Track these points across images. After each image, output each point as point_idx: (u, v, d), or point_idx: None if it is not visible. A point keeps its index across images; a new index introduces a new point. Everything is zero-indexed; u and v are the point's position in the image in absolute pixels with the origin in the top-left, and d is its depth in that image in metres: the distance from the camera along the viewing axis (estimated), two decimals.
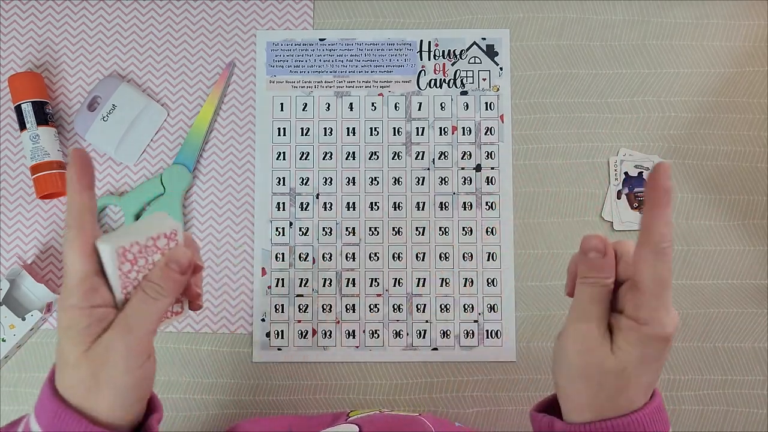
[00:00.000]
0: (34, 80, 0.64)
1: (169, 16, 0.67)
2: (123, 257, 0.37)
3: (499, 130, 0.66)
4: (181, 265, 0.39)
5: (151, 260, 0.39)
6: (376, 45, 0.67)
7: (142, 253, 0.38)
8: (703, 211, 0.65)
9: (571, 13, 0.68)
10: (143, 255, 0.38)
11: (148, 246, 0.39)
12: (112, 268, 0.37)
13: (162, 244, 0.39)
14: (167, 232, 0.40)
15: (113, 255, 0.37)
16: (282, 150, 0.66)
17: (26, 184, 0.65)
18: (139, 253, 0.38)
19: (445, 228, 0.65)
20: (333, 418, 0.58)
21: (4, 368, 0.63)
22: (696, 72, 0.67)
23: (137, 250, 0.38)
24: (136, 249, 0.38)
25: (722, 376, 0.64)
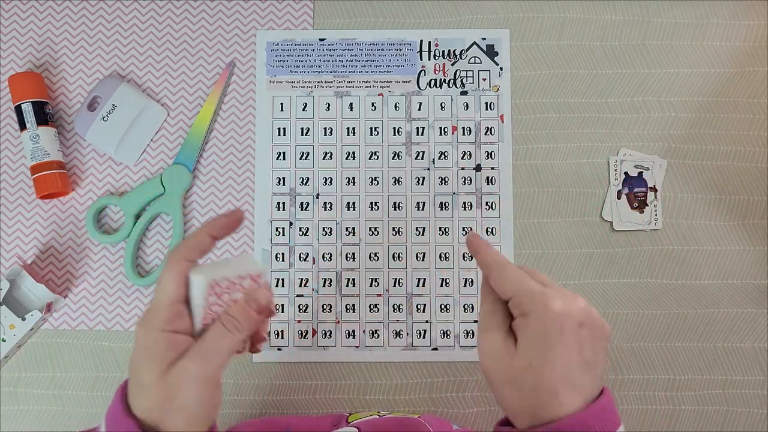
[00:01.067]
0: (34, 80, 0.64)
1: (169, 16, 0.67)
2: (212, 289, 0.40)
3: (499, 130, 0.66)
4: (259, 304, 0.41)
5: (234, 297, 0.41)
6: (376, 45, 0.67)
7: (228, 289, 0.41)
8: (703, 211, 0.65)
9: (571, 13, 0.68)
10: (228, 291, 0.41)
11: (235, 283, 0.41)
12: (199, 298, 0.39)
13: (246, 284, 0.42)
14: (254, 274, 0.42)
15: (204, 286, 0.39)
16: (282, 150, 0.66)
17: (26, 184, 0.65)
18: (225, 289, 0.41)
19: (445, 228, 0.65)
20: (333, 420, 0.58)
21: (4, 368, 0.63)
22: (696, 72, 0.67)
23: (225, 286, 0.40)
24: (224, 284, 0.40)
25: (722, 376, 0.64)
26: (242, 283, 0.42)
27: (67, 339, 0.63)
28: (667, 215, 0.65)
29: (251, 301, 0.41)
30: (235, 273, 0.41)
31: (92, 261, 0.64)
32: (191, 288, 0.39)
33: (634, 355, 0.64)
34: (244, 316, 0.40)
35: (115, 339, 0.63)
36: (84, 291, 0.64)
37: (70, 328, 0.63)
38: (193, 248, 0.40)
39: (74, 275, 0.64)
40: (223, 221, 0.41)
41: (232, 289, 0.41)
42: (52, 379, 0.63)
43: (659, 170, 0.65)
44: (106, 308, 0.64)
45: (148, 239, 0.65)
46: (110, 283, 0.64)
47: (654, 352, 0.64)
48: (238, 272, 0.41)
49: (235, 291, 0.41)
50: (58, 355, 0.63)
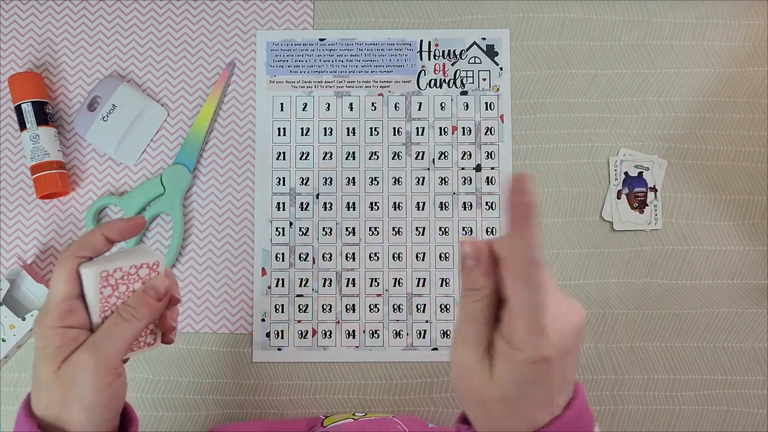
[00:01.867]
0: (34, 80, 0.64)
1: (169, 16, 0.67)
2: (105, 281, 0.39)
3: (499, 130, 0.66)
4: (157, 291, 0.41)
5: (131, 288, 0.41)
6: (376, 45, 0.67)
7: (123, 279, 0.40)
8: (703, 211, 0.65)
9: (571, 13, 0.68)
10: (125, 282, 0.40)
11: (131, 273, 0.41)
12: (93, 291, 0.39)
13: (144, 273, 0.41)
14: (150, 262, 0.42)
15: (96, 278, 0.39)
16: (282, 150, 0.66)
17: (26, 184, 0.65)
18: (120, 280, 0.40)
19: (445, 228, 0.65)
20: (308, 423, 0.58)
21: (4, 368, 0.63)
22: (696, 72, 0.67)
23: (119, 276, 0.40)
24: (118, 275, 0.40)
25: (722, 376, 0.64)
26: (139, 273, 0.41)
27: None
28: (667, 215, 0.65)
29: (149, 289, 0.41)
30: (129, 263, 0.41)
31: None
32: (84, 282, 0.39)
33: (634, 355, 0.64)
34: (141, 303, 0.40)
35: None
36: None
37: None
38: (84, 246, 0.40)
39: None
40: (120, 224, 0.41)
41: (128, 279, 0.41)
42: None
43: (659, 170, 0.65)
44: None
45: (148, 239, 0.65)
46: None
47: (654, 352, 0.64)
48: (132, 262, 0.41)
49: (132, 282, 0.41)
50: None
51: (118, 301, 0.40)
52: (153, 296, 0.41)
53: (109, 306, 0.40)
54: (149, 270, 0.42)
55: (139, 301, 0.40)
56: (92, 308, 0.40)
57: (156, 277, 0.42)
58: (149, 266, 0.42)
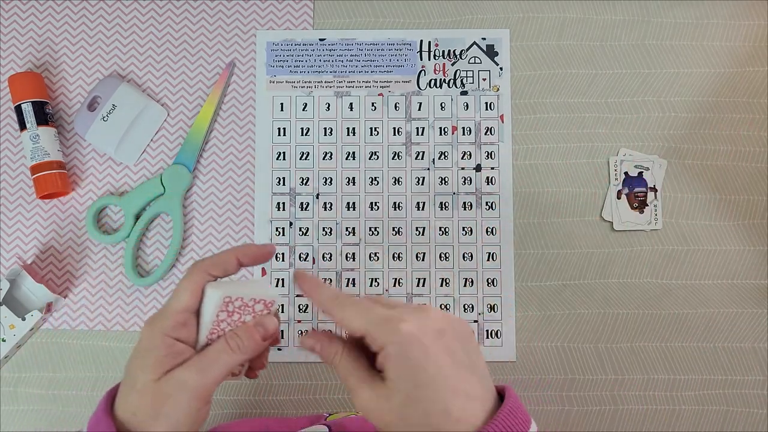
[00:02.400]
0: (34, 80, 0.64)
1: (169, 16, 0.67)
2: (225, 306, 0.40)
3: (499, 130, 0.66)
4: (266, 331, 0.41)
5: (242, 318, 0.41)
6: (376, 45, 0.67)
7: (240, 309, 0.41)
8: (703, 211, 0.65)
9: (571, 13, 0.68)
10: (239, 312, 0.41)
11: (248, 305, 0.41)
12: (210, 312, 0.40)
13: (258, 308, 0.42)
14: (267, 300, 0.42)
15: (219, 301, 0.40)
16: (282, 150, 0.66)
17: (26, 184, 0.65)
18: (237, 309, 0.41)
19: (445, 228, 0.65)
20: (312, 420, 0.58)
21: (4, 368, 0.63)
22: (696, 72, 0.67)
23: (238, 306, 0.41)
24: (237, 303, 0.41)
25: (722, 376, 0.64)
26: (255, 307, 0.42)
27: (67, 339, 0.63)
28: (667, 215, 0.65)
29: (259, 326, 0.41)
30: (250, 295, 0.41)
31: (92, 261, 0.64)
32: (205, 301, 0.40)
33: (634, 355, 0.64)
34: (249, 338, 0.40)
35: (115, 339, 0.63)
36: (84, 291, 0.64)
37: (70, 328, 0.63)
38: (217, 265, 0.41)
39: (74, 275, 0.64)
40: (254, 250, 0.42)
41: (243, 310, 0.41)
42: (52, 379, 0.63)
43: (659, 170, 0.65)
44: (106, 308, 0.64)
45: (148, 239, 0.65)
46: (110, 283, 0.64)
47: (654, 352, 0.64)
48: (252, 295, 0.41)
49: (246, 313, 0.41)
50: (58, 355, 0.63)
51: (227, 328, 0.41)
52: (261, 334, 0.41)
53: (218, 330, 0.40)
54: (264, 307, 0.42)
55: (248, 336, 0.40)
56: (203, 328, 0.40)
57: (268, 317, 0.42)
58: (265, 303, 0.42)
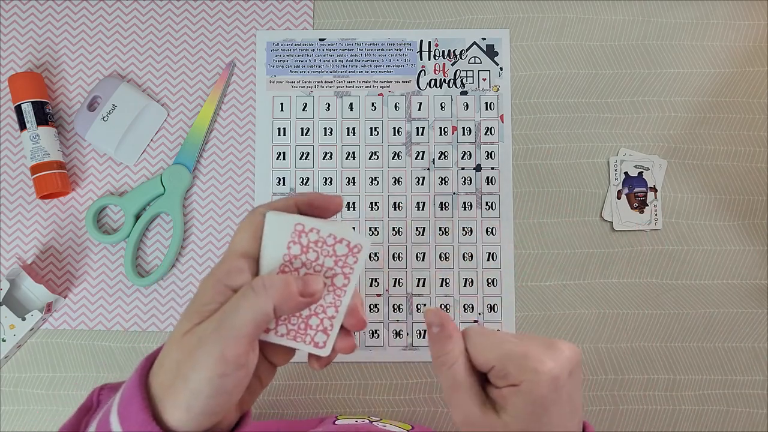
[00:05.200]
0: (34, 80, 0.64)
1: (169, 16, 0.67)
2: (297, 237, 0.34)
3: (499, 130, 0.66)
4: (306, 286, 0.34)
5: (321, 261, 0.35)
6: (376, 45, 0.67)
7: (316, 246, 0.35)
8: (703, 211, 0.65)
9: (571, 13, 0.68)
10: (316, 249, 0.35)
11: (327, 243, 0.35)
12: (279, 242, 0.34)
13: (341, 251, 0.35)
14: (351, 243, 0.35)
15: (290, 228, 0.34)
16: (282, 150, 0.66)
17: (26, 184, 0.65)
18: (313, 244, 0.35)
19: (445, 228, 0.65)
20: (320, 422, 0.58)
21: (4, 368, 0.63)
22: (696, 72, 0.67)
23: (313, 240, 0.35)
24: (313, 237, 0.35)
25: (722, 376, 0.64)
26: (336, 247, 0.35)
27: (67, 339, 0.63)
28: (667, 215, 0.65)
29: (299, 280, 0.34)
30: (328, 230, 0.35)
31: (92, 261, 0.64)
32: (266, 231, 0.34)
33: (635, 355, 0.64)
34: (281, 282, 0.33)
35: (115, 339, 0.63)
36: (84, 291, 0.64)
37: (70, 328, 0.63)
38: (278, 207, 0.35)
39: (74, 275, 0.64)
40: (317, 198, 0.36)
41: (320, 248, 0.35)
42: (52, 379, 0.63)
43: (659, 170, 0.65)
44: (106, 308, 0.64)
45: (148, 239, 0.65)
46: (110, 283, 0.64)
47: (654, 352, 0.64)
48: (331, 231, 0.35)
49: (325, 254, 0.35)
50: (58, 355, 0.63)
51: (302, 269, 0.34)
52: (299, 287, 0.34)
53: (290, 268, 0.34)
54: (349, 251, 0.35)
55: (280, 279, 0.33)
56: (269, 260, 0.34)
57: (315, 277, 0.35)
58: (349, 247, 0.35)
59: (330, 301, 0.36)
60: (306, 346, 0.35)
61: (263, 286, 0.33)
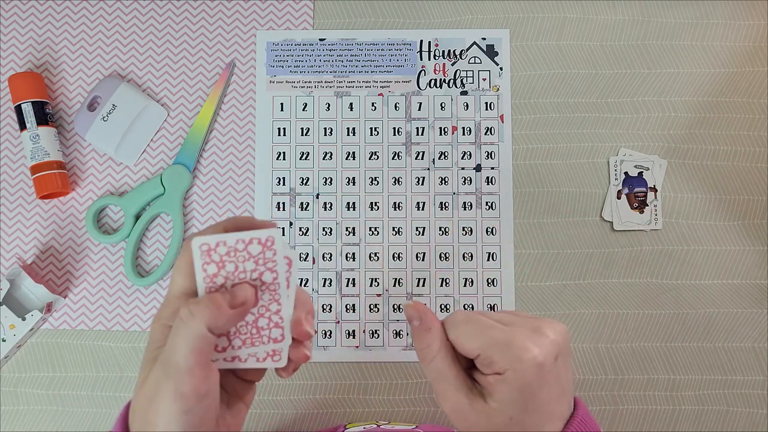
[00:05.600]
0: (34, 80, 0.64)
1: (169, 16, 0.67)
2: (207, 256, 0.34)
3: (499, 130, 0.66)
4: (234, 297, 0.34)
5: (241, 267, 0.35)
6: (376, 45, 0.67)
7: (230, 256, 0.34)
8: (703, 211, 0.65)
9: (571, 13, 0.68)
10: (232, 260, 0.34)
11: (238, 250, 0.34)
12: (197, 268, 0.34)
13: (255, 251, 0.35)
14: (262, 238, 0.34)
15: (197, 251, 0.34)
16: (282, 150, 0.66)
17: (26, 184, 0.65)
18: (227, 256, 0.34)
19: (445, 228, 0.65)
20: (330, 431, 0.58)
21: (4, 368, 0.63)
22: (696, 72, 0.67)
23: (224, 252, 0.34)
24: (222, 250, 0.34)
25: (722, 376, 0.64)
26: (248, 250, 0.34)
27: (67, 339, 0.63)
28: (667, 215, 0.65)
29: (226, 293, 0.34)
30: (235, 237, 0.34)
31: (92, 261, 0.64)
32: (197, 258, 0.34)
33: (634, 355, 0.64)
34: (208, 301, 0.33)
35: (115, 339, 0.63)
36: (84, 291, 0.64)
37: (70, 328, 0.63)
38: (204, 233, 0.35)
39: (74, 275, 0.64)
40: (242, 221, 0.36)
41: (236, 257, 0.34)
42: (52, 379, 0.63)
43: (659, 170, 0.65)
44: (106, 308, 0.64)
45: (148, 239, 0.65)
46: (110, 283, 0.64)
47: (654, 352, 0.64)
48: (239, 236, 0.34)
49: (243, 260, 0.34)
50: (58, 355, 0.63)
51: (227, 283, 0.34)
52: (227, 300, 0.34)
53: (215, 287, 0.34)
54: (262, 248, 0.34)
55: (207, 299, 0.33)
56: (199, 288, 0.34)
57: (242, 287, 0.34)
58: (261, 243, 0.34)
59: (268, 298, 0.36)
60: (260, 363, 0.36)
61: (190, 314, 0.32)
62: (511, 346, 0.34)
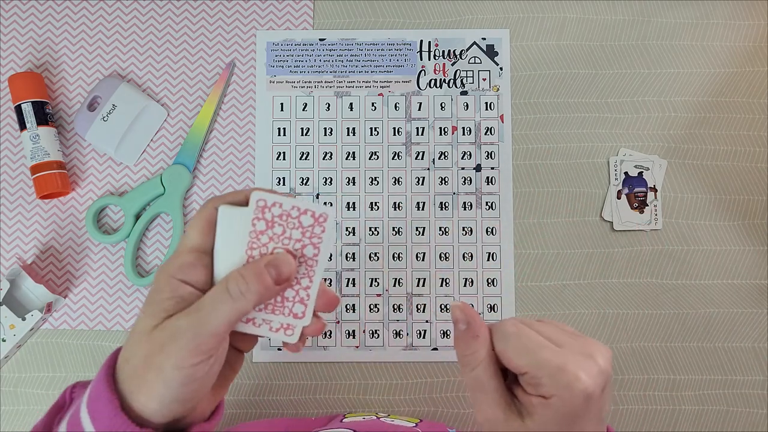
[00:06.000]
0: (34, 80, 0.64)
1: (169, 16, 0.67)
2: (261, 212, 0.35)
3: (499, 130, 0.66)
4: (279, 273, 0.34)
5: (288, 233, 0.35)
6: (376, 45, 0.67)
7: (282, 219, 0.35)
8: (703, 211, 0.65)
9: (571, 13, 0.68)
10: (282, 223, 0.35)
11: (292, 216, 0.35)
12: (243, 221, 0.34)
13: (307, 222, 0.35)
14: (316, 213, 0.35)
15: (252, 205, 0.34)
16: (282, 150, 0.66)
17: (26, 184, 0.65)
18: (278, 218, 0.35)
19: (445, 228, 0.65)
20: (328, 420, 0.58)
21: (4, 368, 0.63)
22: (696, 72, 0.67)
23: (277, 214, 0.35)
24: (276, 211, 0.35)
25: (722, 376, 0.64)
26: (301, 219, 0.35)
27: (67, 339, 0.63)
28: (667, 215, 0.65)
29: (271, 266, 0.34)
30: (290, 203, 0.35)
31: (92, 261, 0.64)
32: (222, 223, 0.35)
33: (635, 355, 0.64)
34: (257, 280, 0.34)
35: (115, 339, 0.63)
36: (84, 291, 0.64)
37: (70, 328, 0.63)
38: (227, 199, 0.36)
39: (74, 275, 0.64)
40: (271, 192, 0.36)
41: (286, 222, 0.35)
42: (52, 379, 0.63)
43: (659, 170, 0.65)
44: (106, 308, 0.64)
45: (148, 239, 0.65)
46: (110, 283, 0.64)
47: (654, 352, 0.64)
48: (294, 203, 0.35)
49: (291, 227, 0.35)
50: (58, 355, 0.63)
51: (270, 244, 0.35)
52: (273, 276, 0.34)
53: (258, 245, 0.35)
54: (315, 222, 0.35)
55: (255, 277, 0.34)
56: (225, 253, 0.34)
57: (283, 256, 0.35)
58: (315, 217, 0.35)
59: (303, 272, 0.36)
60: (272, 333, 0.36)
61: (240, 293, 0.33)
62: (562, 372, 0.32)
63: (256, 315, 0.36)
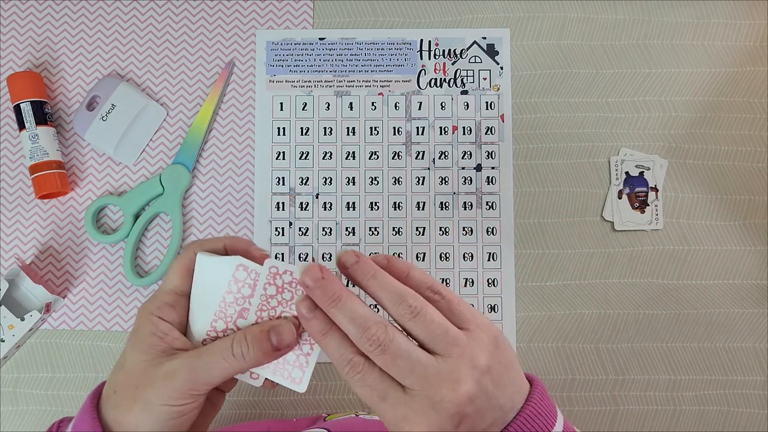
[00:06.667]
0: (33, 80, 0.64)
1: (168, 15, 0.67)
2: (273, 278, 0.36)
3: (500, 129, 0.66)
4: (281, 340, 0.36)
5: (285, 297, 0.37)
6: (376, 45, 0.67)
7: (292, 287, 0.37)
8: (703, 211, 0.65)
9: (572, 13, 0.68)
10: (291, 290, 0.37)
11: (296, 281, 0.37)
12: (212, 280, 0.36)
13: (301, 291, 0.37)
14: None
15: (265, 271, 0.36)
16: (282, 150, 0.66)
17: (25, 184, 0.65)
18: (288, 285, 0.37)
19: (445, 228, 0.65)
20: (311, 422, 0.58)
21: (4, 369, 0.63)
22: (697, 72, 0.67)
23: (288, 281, 0.37)
24: (287, 279, 0.37)
25: (722, 376, 0.64)
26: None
27: (66, 339, 0.63)
28: (668, 215, 0.65)
29: (274, 333, 0.36)
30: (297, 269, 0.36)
31: (91, 261, 0.64)
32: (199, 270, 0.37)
33: (635, 356, 0.64)
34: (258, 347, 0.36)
35: (114, 339, 0.63)
36: (83, 291, 0.64)
37: (70, 329, 0.63)
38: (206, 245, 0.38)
39: (73, 275, 0.64)
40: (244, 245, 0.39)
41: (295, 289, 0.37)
42: (51, 379, 0.63)
43: (660, 170, 0.65)
44: (105, 308, 0.63)
45: (147, 239, 0.64)
46: (109, 283, 0.64)
47: (654, 352, 0.64)
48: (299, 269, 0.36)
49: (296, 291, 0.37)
50: (57, 356, 0.63)
51: (278, 308, 0.36)
52: (274, 343, 0.36)
53: (268, 308, 0.36)
54: None
55: (257, 343, 0.36)
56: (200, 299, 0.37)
57: (285, 325, 0.36)
58: None
59: (306, 338, 0.38)
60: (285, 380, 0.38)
61: (241, 355, 0.35)
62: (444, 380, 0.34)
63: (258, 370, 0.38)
